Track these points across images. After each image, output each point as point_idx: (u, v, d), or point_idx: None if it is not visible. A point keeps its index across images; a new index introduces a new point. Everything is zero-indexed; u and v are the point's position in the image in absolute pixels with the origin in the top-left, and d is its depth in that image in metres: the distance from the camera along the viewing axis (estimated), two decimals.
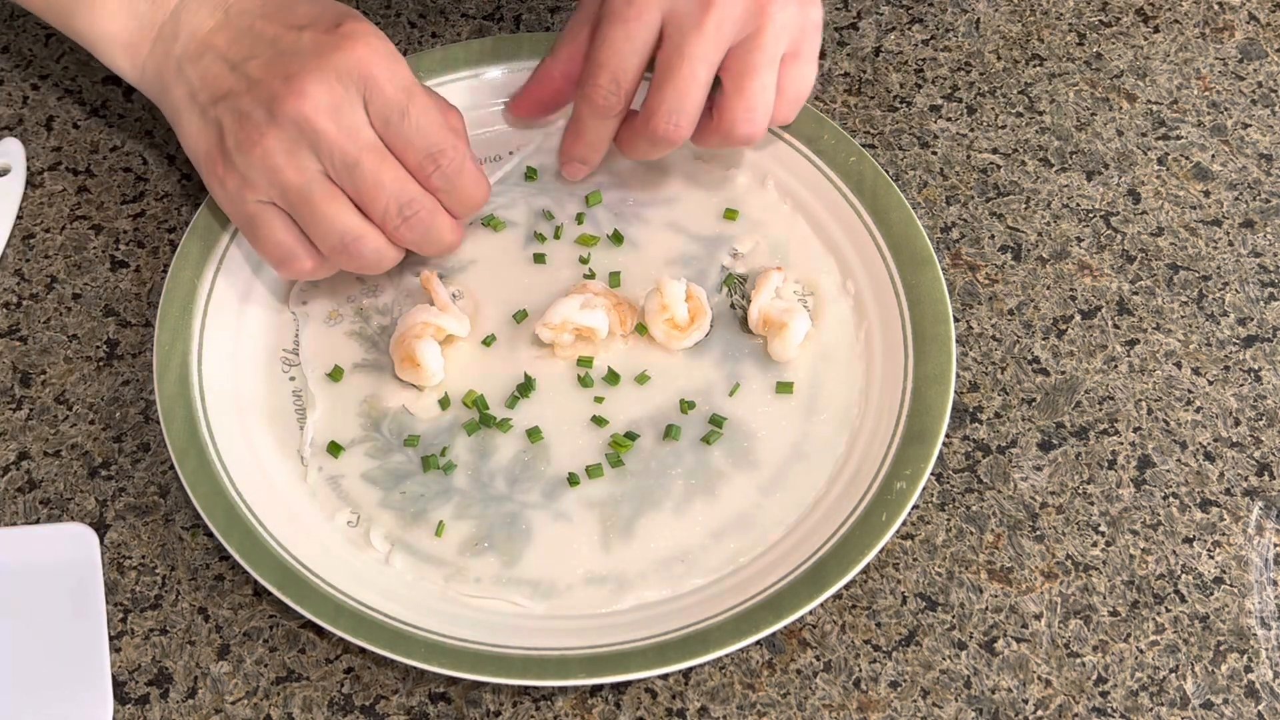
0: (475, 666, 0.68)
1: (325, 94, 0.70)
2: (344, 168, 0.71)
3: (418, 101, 0.72)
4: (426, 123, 0.72)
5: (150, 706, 0.70)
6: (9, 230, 0.85)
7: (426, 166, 0.73)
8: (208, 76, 0.73)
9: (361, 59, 0.71)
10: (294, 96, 0.70)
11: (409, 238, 0.74)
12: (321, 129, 0.70)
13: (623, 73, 0.75)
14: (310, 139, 0.71)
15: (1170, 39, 0.93)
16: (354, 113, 0.71)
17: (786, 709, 0.70)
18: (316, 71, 0.70)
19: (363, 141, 0.71)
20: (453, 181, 0.74)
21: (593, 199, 0.83)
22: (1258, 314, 0.82)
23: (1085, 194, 0.86)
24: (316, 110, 0.70)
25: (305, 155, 0.71)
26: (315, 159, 0.71)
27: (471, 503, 0.75)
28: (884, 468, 0.74)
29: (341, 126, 0.71)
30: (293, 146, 0.71)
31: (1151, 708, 0.70)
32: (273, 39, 0.72)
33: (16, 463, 0.77)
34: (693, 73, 0.73)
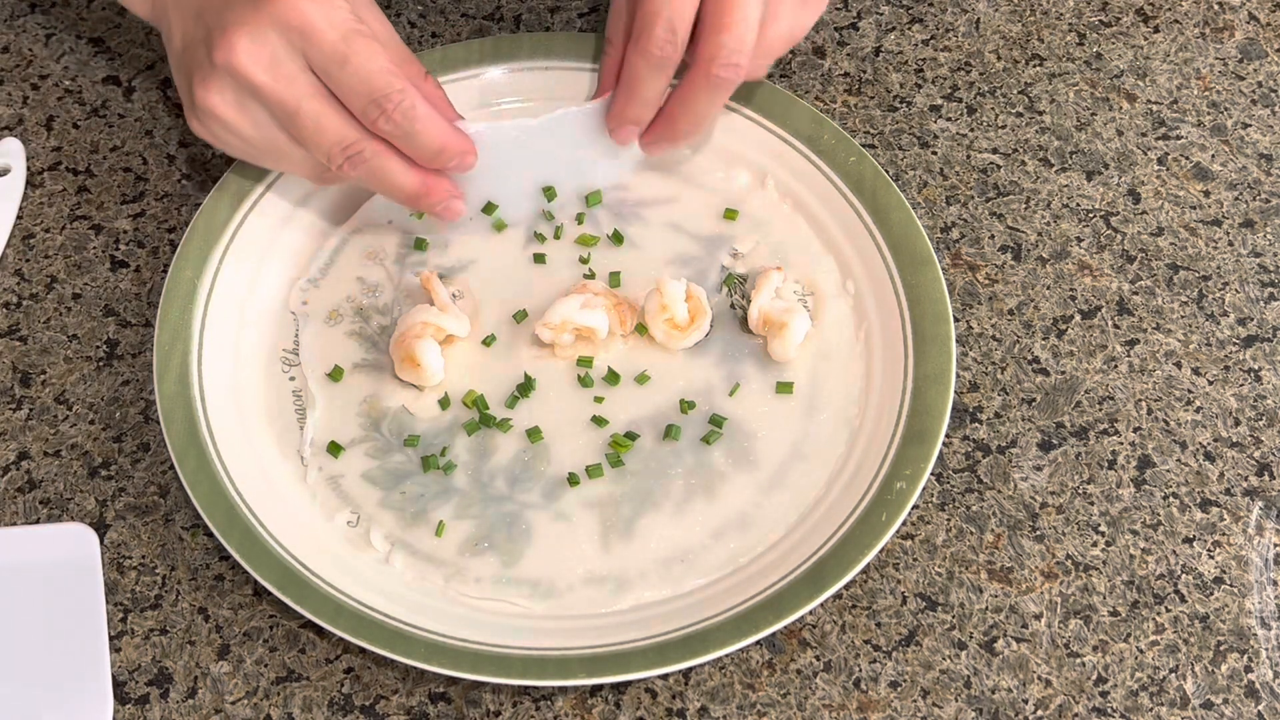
0: (475, 666, 0.68)
1: (256, 46, 0.69)
2: (284, 119, 0.71)
3: (358, 47, 0.70)
4: (370, 68, 0.70)
5: (150, 706, 0.70)
6: (9, 230, 0.85)
7: (371, 113, 0.71)
8: (179, 22, 0.73)
9: (296, 6, 0.69)
10: (225, 49, 0.69)
11: (356, 176, 0.73)
12: (257, 82, 0.70)
13: (679, 19, 0.72)
14: (250, 91, 0.70)
15: (1170, 39, 0.93)
16: (290, 62, 0.70)
17: (786, 709, 0.70)
18: (250, 23, 0.69)
19: (300, 90, 0.70)
20: (403, 128, 0.72)
21: (592, 199, 0.83)
22: (1258, 314, 0.82)
23: (1085, 194, 0.86)
24: (249, 63, 0.69)
25: (253, 106, 0.71)
26: (259, 107, 0.71)
27: (471, 503, 0.75)
28: (884, 468, 0.74)
29: (277, 77, 0.70)
30: (238, 98, 0.71)
31: (1151, 708, 0.70)
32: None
33: (16, 463, 0.77)
34: (746, 15, 0.72)
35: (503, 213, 0.82)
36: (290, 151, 0.73)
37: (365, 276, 0.82)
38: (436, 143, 0.73)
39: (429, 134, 0.73)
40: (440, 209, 0.77)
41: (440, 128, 0.73)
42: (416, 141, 0.73)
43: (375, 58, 0.70)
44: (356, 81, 0.70)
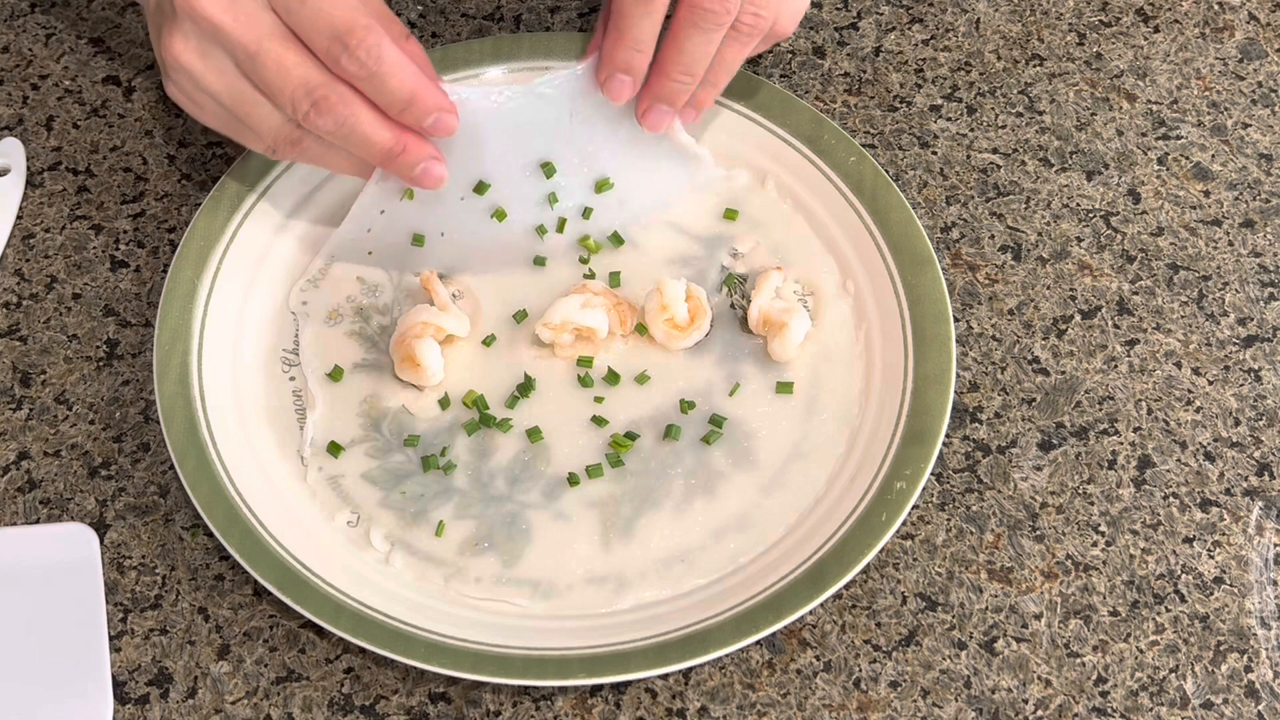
0: (475, 666, 0.68)
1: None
2: (247, 60, 0.68)
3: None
4: (332, 3, 0.67)
5: (150, 706, 0.70)
6: (9, 230, 0.85)
7: (334, 50, 0.68)
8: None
9: None
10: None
11: (324, 126, 0.69)
12: (216, 22, 0.67)
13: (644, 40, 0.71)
14: (211, 34, 0.68)
15: (1170, 39, 0.93)
16: (249, 4, 0.67)
17: (786, 709, 0.70)
18: None
19: (262, 30, 0.68)
20: (368, 67, 0.68)
21: (602, 185, 0.82)
22: (1258, 314, 0.82)
23: (1085, 194, 0.86)
24: (208, 7, 0.67)
25: (216, 52, 0.69)
26: (224, 55, 0.69)
27: (471, 503, 0.75)
28: (884, 468, 0.74)
29: (237, 16, 0.67)
30: (201, 45, 0.69)
31: (1151, 708, 0.70)
32: None
33: (16, 463, 0.77)
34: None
35: (497, 193, 0.80)
36: (256, 105, 0.70)
37: (365, 276, 0.82)
38: (407, 88, 0.69)
39: (397, 77, 0.69)
40: (419, 172, 0.73)
41: (411, 73, 0.69)
42: (384, 86, 0.69)
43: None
44: (317, 17, 0.67)
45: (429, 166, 0.73)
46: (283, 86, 0.68)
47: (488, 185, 0.79)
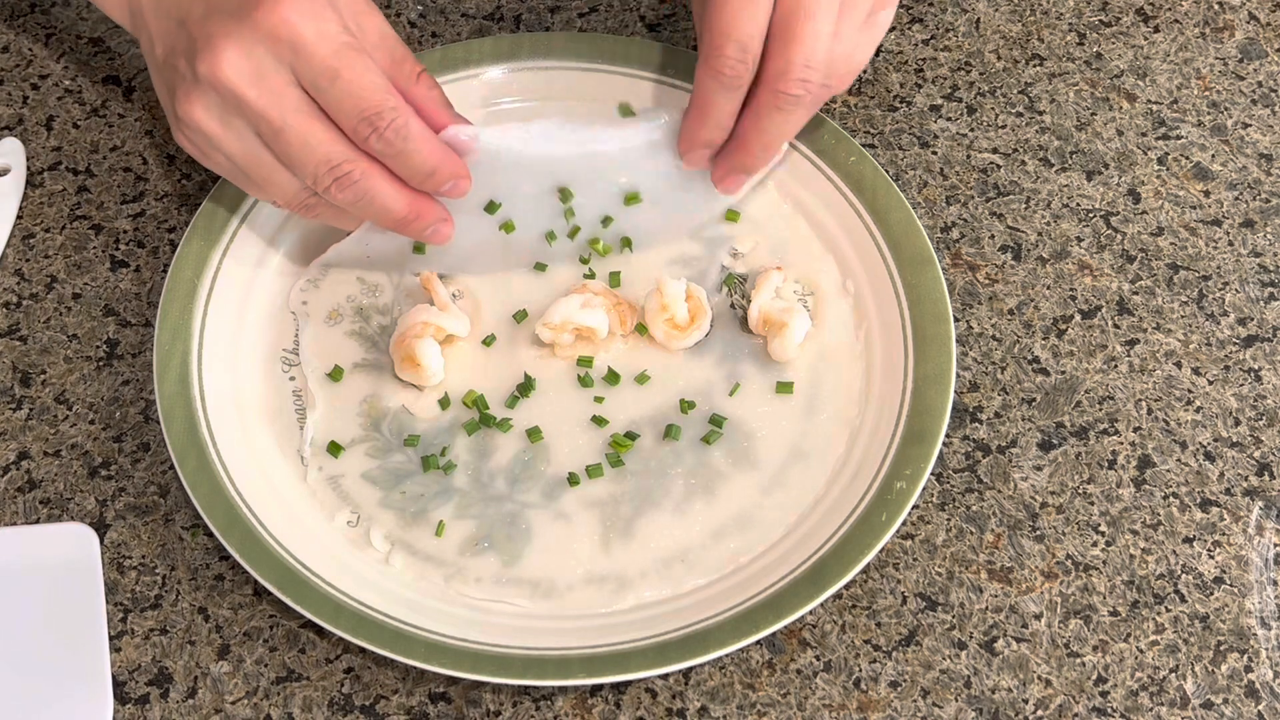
0: (475, 666, 0.68)
1: (242, 59, 0.67)
2: (270, 134, 0.68)
3: (350, 62, 0.68)
4: (362, 84, 0.68)
5: (150, 706, 0.70)
6: (9, 230, 0.85)
7: (362, 130, 0.69)
8: (160, 30, 0.70)
9: (285, 19, 0.66)
10: (209, 61, 0.67)
11: (343, 199, 0.71)
12: (242, 95, 0.67)
13: (750, 38, 0.70)
14: (234, 105, 0.68)
15: (1170, 39, 0.93)
16: (277, 76, 0.67)
17: (786, 709, 0.70)
18: (234, 34, 0.67)
19: (288, 105, 0.68)
20: (395, 146, 0.70)
21: (631, 199, 0.81)
22: (1258, 314, 0.82)
23: (1085, 194, 0.86)
24: (234, 76, 0.67)
25: (237, 121, 0.68)
26: (244, 122, 0.69)
27: (471, 503, 0.75)
28: (884, 468, 0.74)
29: (263, 91, 0.67)
30: (223, 114, 0.68)
31: (1151, 708, 0.70)
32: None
33: (16, 463, 0.77)
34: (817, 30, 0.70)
35: (509, 210, 0.80)
36: (275, 172, 0.71)
37: (365, 276, 0.82)
38: (429, 163, 0.72)
39: (422, 154, 0.71)
40: (429, 233, 0.76)
41: (434, 148, 0.71)
42: (409, 161, 0.71)
43: (368, 73, 0.68)
44: (347, 97, 0.68)
45: (438, 228, 0.76)
46: (305, 161, 0.69)
47: (498, 205, 0.80)
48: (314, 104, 0.68)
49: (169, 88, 0.70)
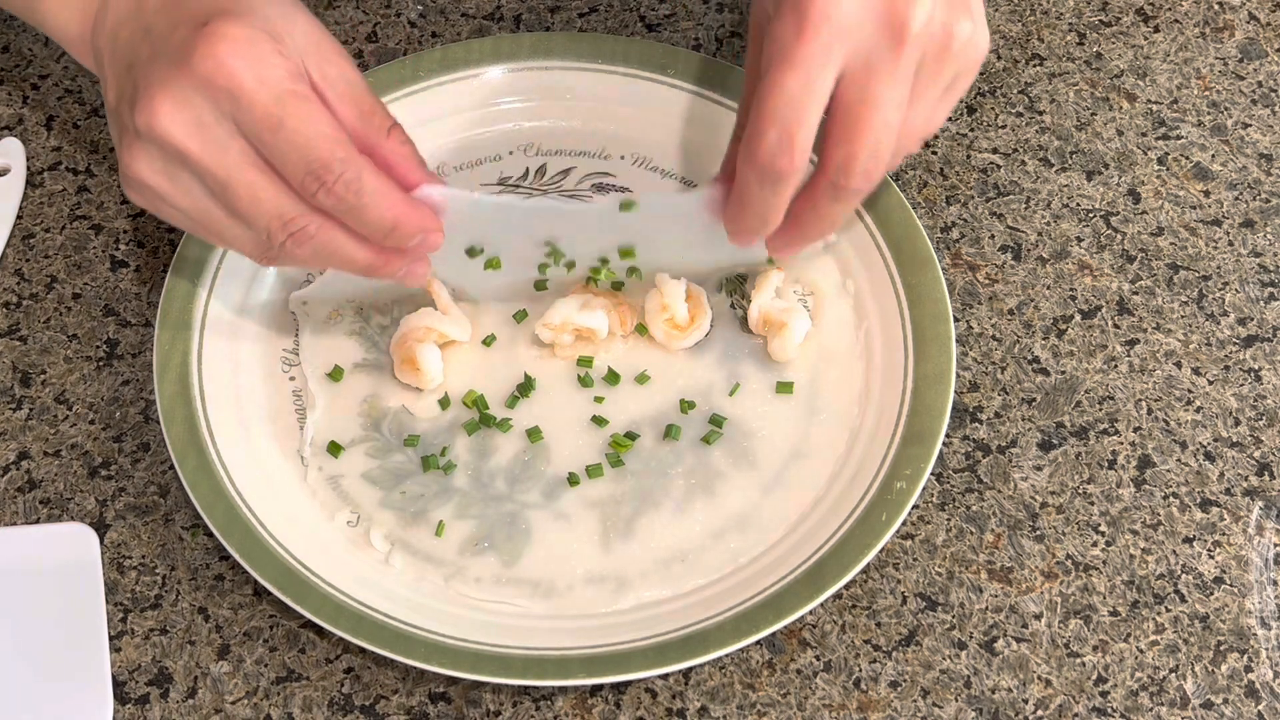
0: (475, 666, 0.68)
1: (179, 109, 0.61)
2: (217, 189, 0.63)
3: (294, 110, 0.62)
4: (307, 134, 0.62)
5: (150, 706, 0.70)
6: (9, 230, 0.85)
7: (309, 185, 0.63)
8: (113, 75, 0.65)
9: (222, 65, 0.60)
10: (146, 111, 0.62)
11: (301, 255, 0.65)
12: (183, 148, 0.62)
13: (798, 125, 0.62)
14: (177, 159, 0.63)
15: (1170, 39, 0.93)
16: (218, 126, 0.62)
17: (786, 709, 0.70)
18: (170, 83, 0.61)
19: (232, 158, 0.62)
20: (346, 201, 0.63)
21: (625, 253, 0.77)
22: (1258, 314, 0.82)
23: (1085, 194, 0.86)
24: (173, 128, 0.61)
25: (182, 175, 0.63)
26: (191, 177, 0.63)
27: (471, 503, 0.75)
28: (884, 468, 0.74)
29: (205, 143, 0.62)
30: (166, 167, 0.63)
31: (1151, 708, 0.70)
32: (155, 36, 0.63)
33: (16, 463, 0.77)
34: (885, 121, 0.62)
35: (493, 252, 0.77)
36: (228, 226, 0.65)
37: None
38: (387, 219, 0.65)
39: (378, 209, 0.64)
40: (401, 276, 0.69)
41: (392, 202, 0.65)
42: (364, 217, 0.64)
43: (313, 122, 0.62)
44: (292, 149, 0.62)
45: (411, 269, 0.69)
46: (256, 217, 0.64)
47: (479, 250, 0.78)
48: (261, 156, 0.63)
49: (117, 139, 0.65)
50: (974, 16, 0.64)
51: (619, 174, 0.85)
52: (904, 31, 0.61)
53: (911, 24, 0.61)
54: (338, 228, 0.65)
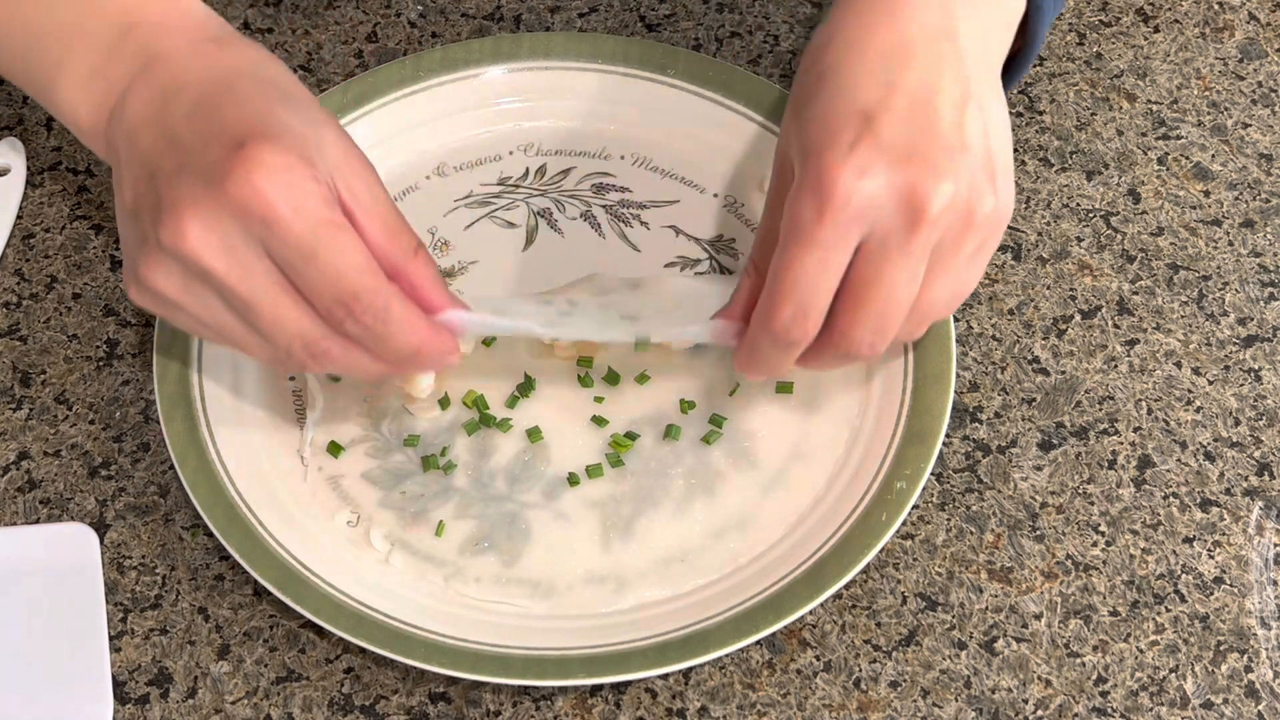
0: (475, 666, 0.68)
1: (208, 231, 0.61)
2: (240, 307, 0.63)
3: (328, 242, 0.61)
4: (339, 266, 0.61)
5: (150, 706, 0.70)
6: (9, 230, 0.85)
7: (336, 314, 0.62)
8: (131, 177, 0.64)
9: (258, 193, 0.60)
10: (172, 230, 0.61)
11: (319, 370, 0.65)
12: (208, 267, 0.61)
13: (812, 304, 0.63)
14: (199, 275, 0.62)
15: (1170, 39, 0.93)
16: (247, 250, 0.61)
17: (786, 709, 0.70)
18: (202, 203, 0.60)
19: (257, 281, 0.62)
20: (373, 330, 0.63)
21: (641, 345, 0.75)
22: (1258, 314, 0.82)
23: (1085, 194, 0.86)
24: (200, 248, 0.61)
25: (202, 290, 0.63)
26: (211, 291, 0.63)
27: (471, 502, 0.75)
28: (884, 468, 0.74)
29: (232, 265, 0.61)
30: (186, 281, 0.62)
31: (1151, 708, 0.70)
32: (184, 148, 0.62)
33: (16, 463, 0.77)
34: (893, 299, 0.63)
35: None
36: (246, 338, 0.65)
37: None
38: (410, 346, 0.65)
39: (402, 338, 0.64)
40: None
41: (416, 330, 0.65)
42: (388, 345, 0.64)
43: (346, 253, 0.62)
44: (322, 280, 0.62)
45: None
46: (276, 337, 0.63)
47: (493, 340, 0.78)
48: (286, 278, 0.62)
49: (132, 244, 0.64)
50: (998, 188, 0.64)
51: (619, 174, 0.85)
52: (923, 214, 0.61)
53: (930, 207, 0.61)
54: (358, 349, 0.65)
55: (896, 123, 0.62)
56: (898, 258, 0.62)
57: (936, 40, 0.64)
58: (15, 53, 0.69)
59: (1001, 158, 0.65)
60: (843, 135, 0.62)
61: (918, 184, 0.61)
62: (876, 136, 0.62)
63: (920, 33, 0.64)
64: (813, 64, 0.66)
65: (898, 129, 0.62)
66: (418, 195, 0.85)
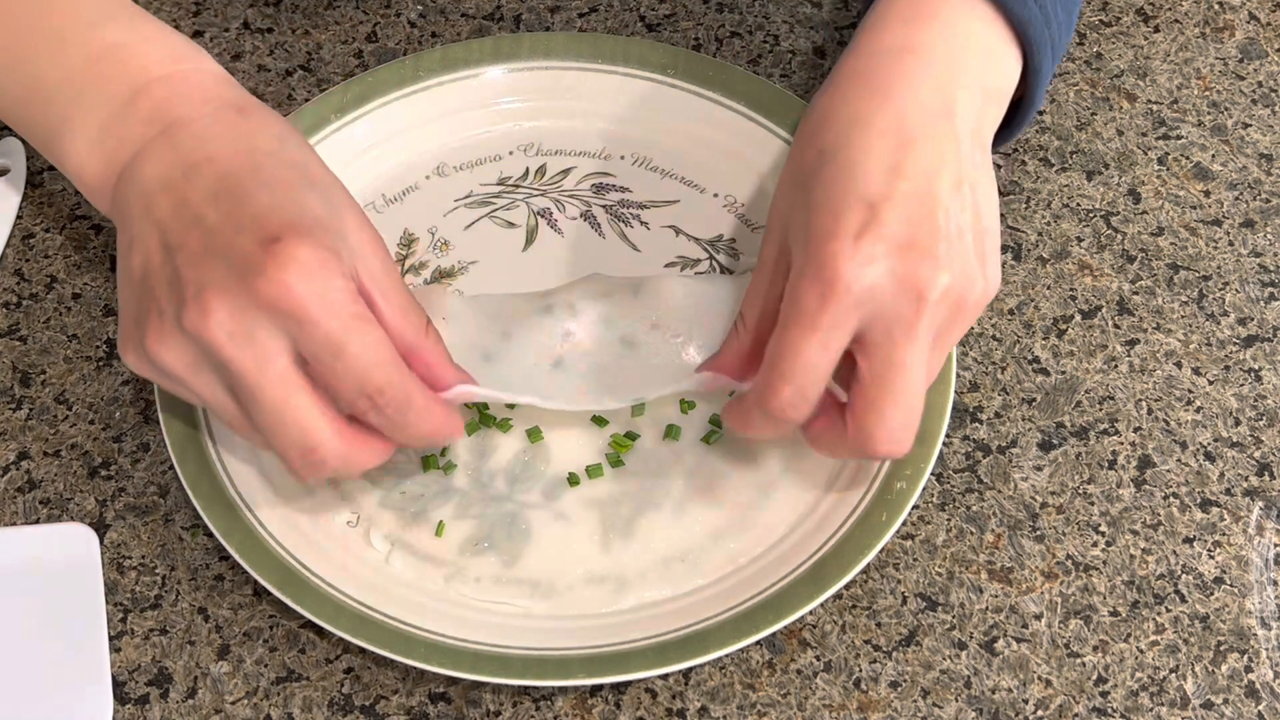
0: (475, 666, 0.68)
1: (233, 320, 0.61)
2: (244, 398, 0.63)
3: (358, 337, 0.62)
4: (367, 362, 0.63)
5: (150, 706, 0.70)
6: (9, 230, 0.85)
7: (360, 405, 0.64)
8: (143, 243, 0.64)
9: (290, 291, 0.61)
10: (196, 315, 0.61)
11: (306, 477, 0.66)
12: (225, 356, 0.62)
13: (810, 387, 0.65)
14: (212, 360, 0.62)
15: (1170, 39, 0.93)
16: (267, 342, 0.62)
17: (786, 709, 0.70)
18: (229, 292, 0.61)
19: (270, 375, 0.62)
20: (393, 420, 0.65)
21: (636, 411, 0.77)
22: (1258, 314, 0.82)
23: (1085, 194, 0.86)
24: (220, 335, 0.61)
25: (209, 371, 0.63)
26: (220, 376, 0.63)
27: (471, 503, 0.75)
28: (884, 467, 0.74)
29: (246, 355, 0.62)
30: (196, 361, 0.63)
31: (1151, 708, 0.70)
32: (209, 230, 0.63)
33: (16, 463, 0.77)
34: (910, 385, 0.64)
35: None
36: (239, 423, 0.65)
37: None
38: (425, 431, 0.66)
39: (420, 425, 0.66)
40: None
41: (433, 413, 0.66)
42: (405, 432, 0.66)
43: (373, 348, 0.63)
44: (349, 374, 0.63)
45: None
46: (275, 435, 0.64)
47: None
48: (301, 375, 0.63)
49: (138, 311, 0.64)
50: (986, 271, 0.66)
51: (619, 174, 0.85)
52: (923, 301, 0.63)
53: (930, 295, 0.63)
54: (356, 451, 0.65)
55: (899, 212, 0.64)
56: (905, 344, 0.64)
57: (935, 120, 0.66)
58: (20, 100, 0.70)
59: (990, 237, 0.67)
60: (847, 224, 0.63)
61: (918, 273, 0.63)
62: (880, 227, 0.63)
63: (918, 113, 0.66)
64: (812, 138, 0.68)
65: (900, 218, 0.63)
66: (418, 195, 0.85)
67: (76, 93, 0.68)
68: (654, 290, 0.76)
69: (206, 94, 0.68)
